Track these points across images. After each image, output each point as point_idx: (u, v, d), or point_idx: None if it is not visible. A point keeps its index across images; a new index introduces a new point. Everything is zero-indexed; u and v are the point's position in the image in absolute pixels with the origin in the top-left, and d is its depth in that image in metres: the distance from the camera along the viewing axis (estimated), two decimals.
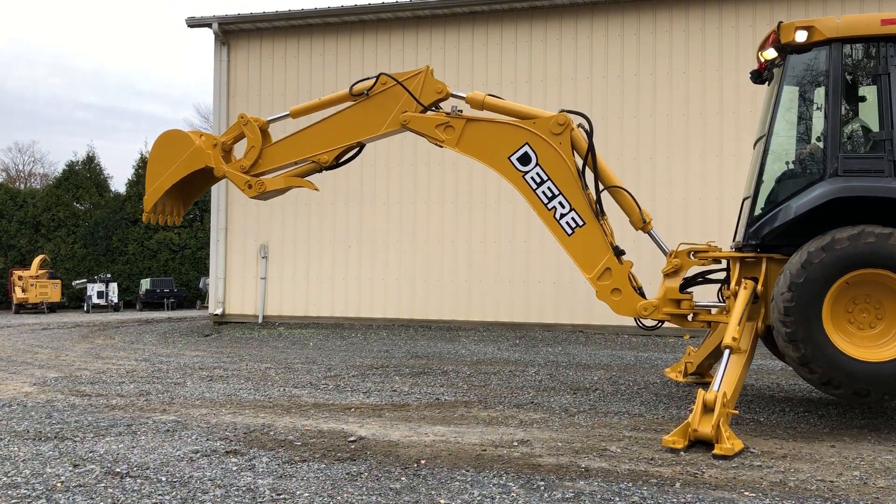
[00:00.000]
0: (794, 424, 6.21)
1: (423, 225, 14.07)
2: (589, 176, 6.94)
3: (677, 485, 4.48)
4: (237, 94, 15.33)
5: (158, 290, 28.93)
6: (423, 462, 4.93)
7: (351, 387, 7.90)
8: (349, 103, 7.44)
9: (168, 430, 5.80)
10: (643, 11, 13.20)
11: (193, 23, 15.50)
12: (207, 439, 5.51)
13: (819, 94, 6.31)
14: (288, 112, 7.77)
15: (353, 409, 6.70)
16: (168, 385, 8.07)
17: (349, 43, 14.73)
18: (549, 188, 6.87)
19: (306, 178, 7.68)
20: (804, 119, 6.52)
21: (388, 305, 14.19)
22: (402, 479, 4.57)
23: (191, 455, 5.06)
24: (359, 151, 7.73)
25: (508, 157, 7.01)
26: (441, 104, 7.38)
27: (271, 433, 5.74)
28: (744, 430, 5.94)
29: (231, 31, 15.42)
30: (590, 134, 6.90)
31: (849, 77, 6.23)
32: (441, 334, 12.89)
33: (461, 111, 7.19)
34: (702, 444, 5.32)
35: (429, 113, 7.26)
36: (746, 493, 4.32)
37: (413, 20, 14.33)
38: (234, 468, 4.76)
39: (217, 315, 15.15)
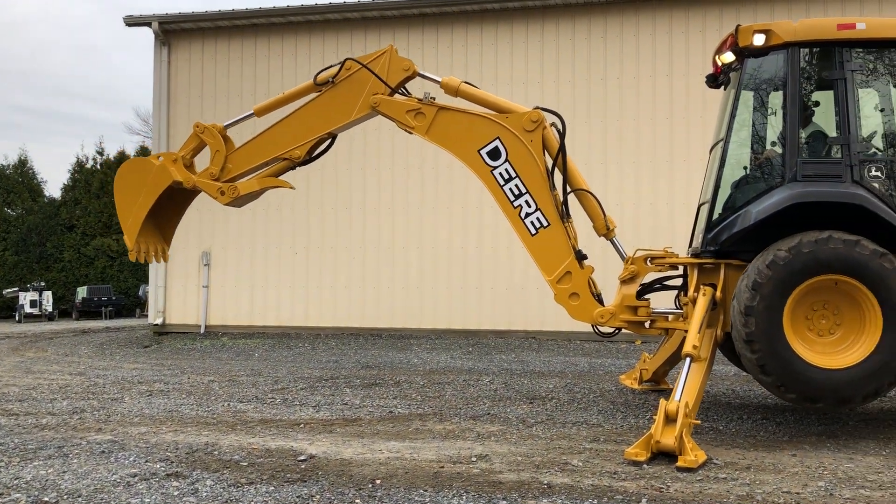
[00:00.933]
0: (754, 433, 6.13)
1: (373, 231, 13.78)
2: (558, 177, 6.78)
3: (643, 500, 4.31)
4: (178, 97, 14.82)
5: (96, 299, 27.98)
6: (378, 482, 4.67)
7: (299, 400, 7.58)
8: (315, 94, 7.21)
9: (103, 452, 5.41)
10: (610, 14, 13.18)
11: (132, 21, 14.96)
12: (146, 461, 5.15)
13: (777, 99, 6.26)
14: (251, 112, 7.45)
15: (302, 425, 6.40)
16: (104, 401, 7.63)
17: (295, 43, 14.37)
18: (516, 185, 6.71)
19: (280, 178, 7.43)
20: (762, 124, 6.47)
21: (337, 314, 13.85)
22: (357, 501, 4.30)
23: (128, 479, 4.70)
24: (331, 143, 7.49)
25: (478, 151, 6.80)
26: (412, 92, 7.19)
27: (215, 453, 5.40)
28: (704, 440, 5.83)
29: (172, 31, 14.91)
30: (562, 134, 6.75)
31: (807, 81, 6.19)
32: (392, 343, 12.62)
33: (434, 98, 7.00)
34: (664, 456, 5.18)
35: (399, 97, 7.08)
36: None
37: (361, 21, 14.06)
38: (176, 493, 4.43)
39: (157, 325, 14.60)
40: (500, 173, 6.73)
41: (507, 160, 6.73)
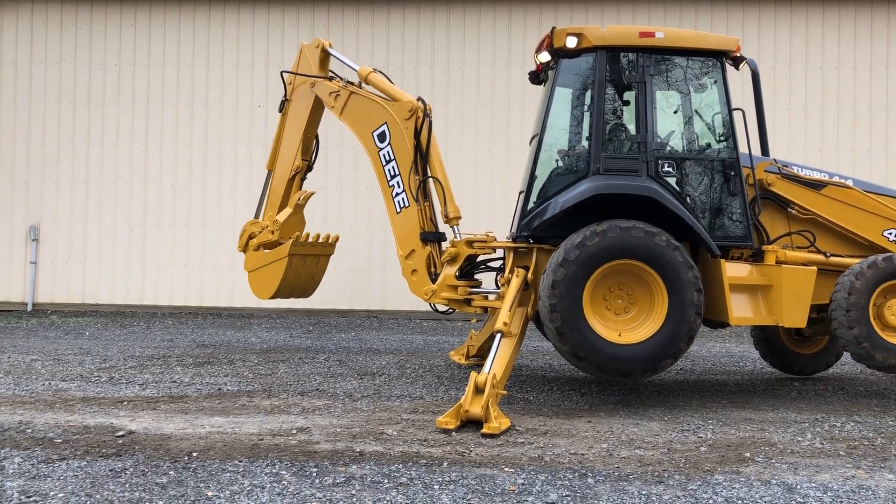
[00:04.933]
0: (559, 402, 6.71)
1: (214, 209, 13.56)
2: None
3: (445, 464, 4.70)
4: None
5: None
6: (194, 454, 4.80)
7: (126, 379, 7.50)
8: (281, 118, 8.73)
9: None
10: (468, 4, 13.54)
11: None
12: None
13: (586, 97, 6.83)
14: (268, 171, 8.83)
15: (125, 403, 6.37)
16: None
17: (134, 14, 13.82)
18: (393, 167, 7.55)
19: (302, 190, 8.62)
20: (573, 120, 7.03)
21: (175, 292, 13.55)
22: (171, 472, 4.43)
23: None
24: (317, 143, 8.71)
25: (372, 133, 7.68)
26: (337, 75, 8.37)
27: (28, 431, 5.32)
28: (514, 409, 6.34)
29: None
30: (430, 123, 7.45)
31: (612, 83, 6.78)
32: (232, 322, 12.55)
33: (352, 83, 8.04)
34: (474, 424, 5.61)
35: (326, 81, 8.23)
36: (507, 469, 4.63)
37: None
38: None
39: None
40: (384, 155, 7.58)
41: (389, 143, 7.56)
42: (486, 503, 4.02)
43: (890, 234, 6.86)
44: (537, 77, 7.54)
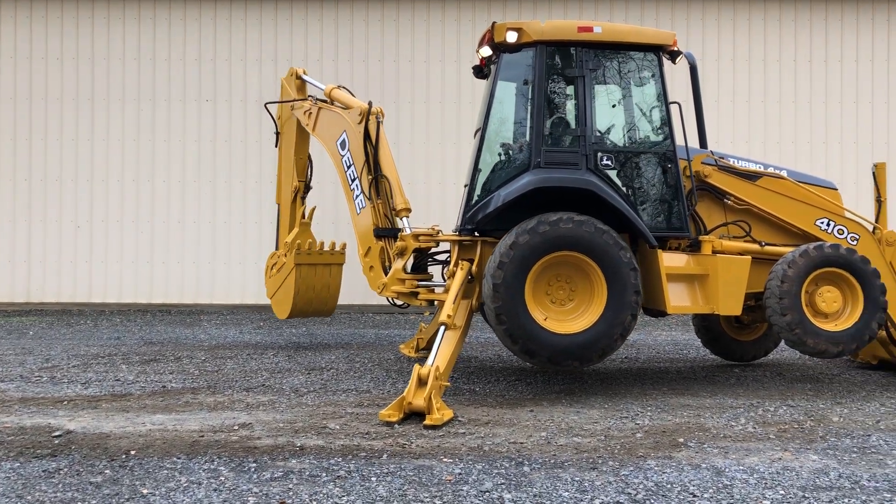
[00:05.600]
0: (504, 392, 6.79)
1: (162, 204, 13.39)
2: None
3: (384, 456, 4.75)
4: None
5: None
6: (132, 453, 4.77)
7: (69, 378, 7.39)
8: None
9: None
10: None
11: None
12: None
13: (527, 91, 6.90)
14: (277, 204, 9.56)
15: (66, 402, 6.29)
16: None
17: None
18: (352, 171, 7.83)
19: (304, 208, 9.15)
20: (514, 113, 7.10)
21: (124, 289, 13.36)
22: (106, 471, 4.40)
23: None
24: (311, 163, 9.25)
25: (335, 142, 8.00)
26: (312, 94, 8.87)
27: None
28: (460, 400, 6.41)
29: None
30: (378, 123, 7.65)
31: (552, 77, 6.86)
32: (181, 319, 12.41)
33: (323, 101, 8.47)
34: (417, 416, 5.66)
35: (302, 101, 8.75)
36: (445, 459, 4.69)
37: None
38: None
39: None
40: (345, 161, 7.87)
41: (348, 150, 7.83)
42: (421, 493, 4.07)
43: (822, 223, 7.07)
44: (481, 71, 7.59)
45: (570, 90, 6.84)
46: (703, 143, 7.30)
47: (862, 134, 13.45)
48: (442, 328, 6.26)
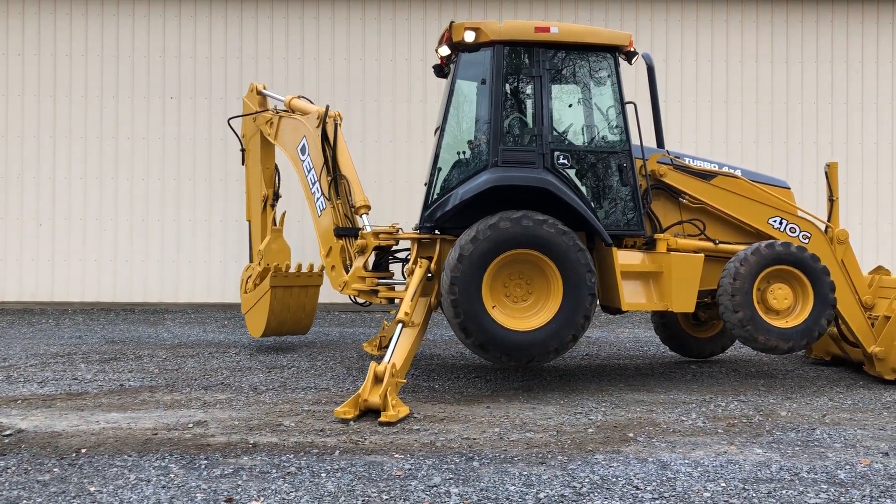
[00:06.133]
0: (463, 389, 6.85)
1: (126, 202, 13.27)
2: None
3: (336, 453, 4.78)
4: None
5: None
6: (83, 451, 4.76)
7: (25, 377, 7.32)
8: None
9: None
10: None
11: None
12: None
13: (485, 90, 6.94)
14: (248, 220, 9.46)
15: (20, 401, 6.24)
16: None
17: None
18: (312, 175, 7.84)
19: (275, 214, 9.03)
20: (473, 112, 7.15)
21: (87, 288, 13.22)
22: (55, 469, 4.39)
23: None
24: (278, 172, 9.17)
25: (296, 148, 8.04)
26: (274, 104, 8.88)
27: None
28: (417, 398, 6.45)
29: None
30: (335, 125, 7.66)
31: (510, 76, 6.92)
32: (145, 318, 12.32)
33: (286, 111, 8.46)
34: (373, 413, 5.69)
35: (264, 112, 8.78)
36: (397, 455, 4.73)
37: None
38: None
39: None
40: (305, 166, 7.95)
41: (308, 154, 7.88)
42: (370, 489, 4.11)
43: (775, 221, 7.21)
44: (441, 70, 7.64)
45: (527, 90, 6.90)
46: (660, 142, 7.41)
47: (822, 134, 13.69)
48: (399, 326, 6.30)
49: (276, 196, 9.20)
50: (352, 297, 7.60)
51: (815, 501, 3.98)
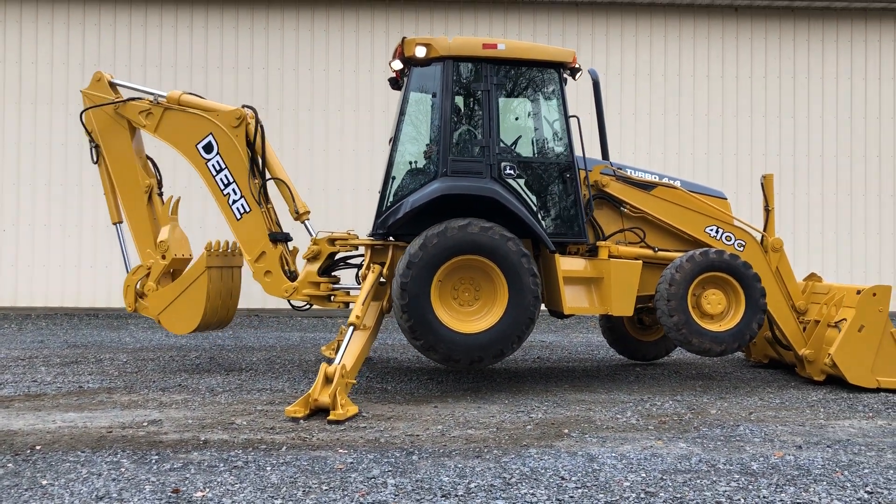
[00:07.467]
0: (414, 390, 7.11)
1: (90, 209, 13.37)
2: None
3: (283, 448, 5.02)
4: None
5: None
6: (38, 448, 4.95)
7: None
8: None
9: None
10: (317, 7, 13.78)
11: None
12: None
13: (436, 104, 7.24)
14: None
15: None
16: None
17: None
18: (226, 175, 7.71)
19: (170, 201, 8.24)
20: (424, 124, 7.45)
21: (50, 293, 13.30)
22: (9, 465, 4.57)
23: None
24: (153, 161, 8.40)
25: (196, 145, 7.80)
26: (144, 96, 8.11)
27: None
28: (369, 398, 6.70)
29: None
30: (262, 128, 7.74)
31: (459, 90, 7.23)
32: (109, 322, 12.44)
33: (161, 102, 7.95)
34: (323, 413, 5.92)
35: (133, 101, 8.00)
36: (341, 451, 4.98)
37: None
38: None
39: None
40: (213, 165, 7.75)
41: (218, 153, 7.74)
42: (311, 481, 4.36)
43: (711, 230, 7.58)
44: (396, 83, 7.92)
45: (476, 103, 7.21)
46: (604, 154, 7.75)
47: (756, 146, 14.19)
48: (351, 329, 6.55)
49: (160, 184, 8.37)
50: (290, 302, 7.77)
51: (726, 489, 4.30)
